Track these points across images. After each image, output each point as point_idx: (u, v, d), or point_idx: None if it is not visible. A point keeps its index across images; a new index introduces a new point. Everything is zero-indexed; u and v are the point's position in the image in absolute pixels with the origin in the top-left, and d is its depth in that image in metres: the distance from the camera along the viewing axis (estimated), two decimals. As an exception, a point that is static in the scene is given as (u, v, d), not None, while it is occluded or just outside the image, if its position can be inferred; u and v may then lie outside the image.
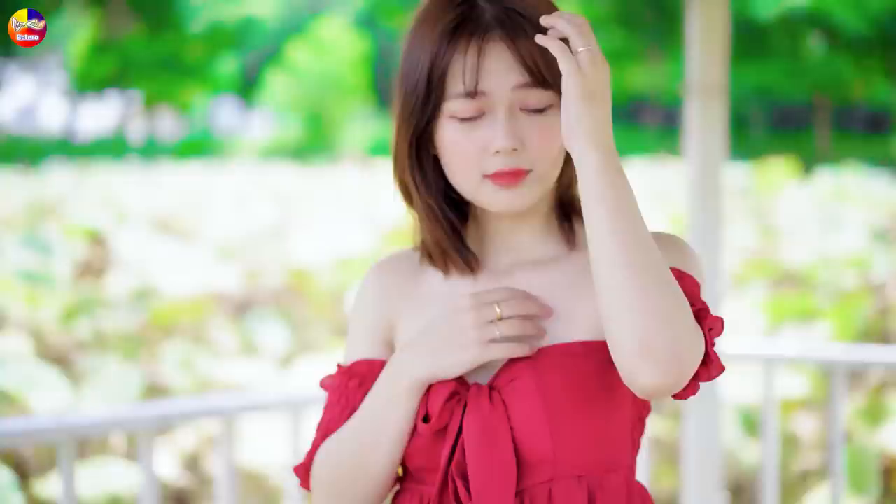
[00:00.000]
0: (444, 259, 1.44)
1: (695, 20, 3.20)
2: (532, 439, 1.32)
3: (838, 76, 26.74)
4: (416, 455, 1.39)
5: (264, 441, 4.58)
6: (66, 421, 2.60)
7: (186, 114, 35.70)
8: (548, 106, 1.32)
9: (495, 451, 1.32)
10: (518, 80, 1.30)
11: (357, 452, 1.40)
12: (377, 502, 1.44)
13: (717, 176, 3.26)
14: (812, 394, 5.32)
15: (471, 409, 1.33)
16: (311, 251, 7.51)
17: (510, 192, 1.34)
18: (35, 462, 4.96)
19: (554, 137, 1.32)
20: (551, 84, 1.31)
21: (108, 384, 5.08)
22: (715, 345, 1.30)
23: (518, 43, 1.30)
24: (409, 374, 1.36)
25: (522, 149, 1.32)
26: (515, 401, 1.33)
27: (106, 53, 31.11)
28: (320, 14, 34.65)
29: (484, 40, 1.31)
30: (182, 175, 15.18)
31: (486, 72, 1.31)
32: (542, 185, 1.35)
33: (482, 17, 1.32)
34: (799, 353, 3.72)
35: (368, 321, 1.48)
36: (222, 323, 6.58)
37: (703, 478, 3.31)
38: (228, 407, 2.82)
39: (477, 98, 1.31)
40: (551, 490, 1.34)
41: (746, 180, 12.21)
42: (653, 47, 29.13)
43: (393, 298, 1.47)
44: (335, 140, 28.85)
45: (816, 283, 6.79)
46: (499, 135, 1.31)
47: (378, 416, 1.38)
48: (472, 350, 1.34)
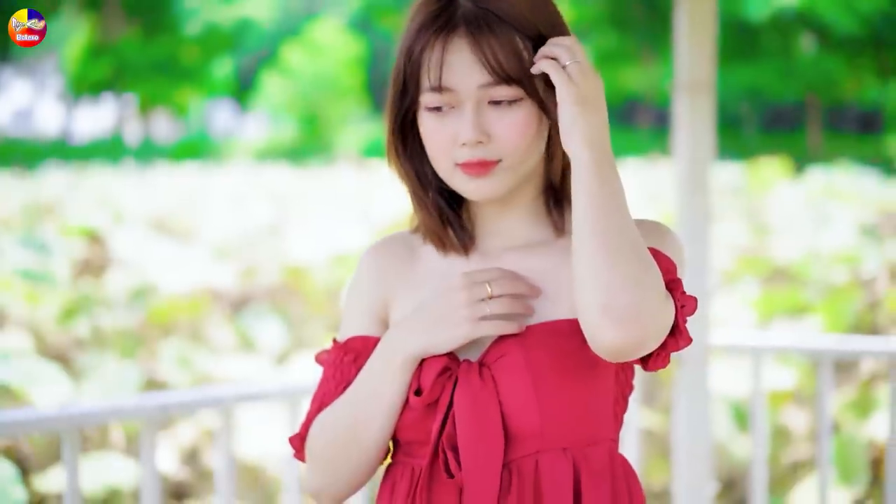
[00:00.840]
0: (436, 239, 1.51)
1: (683, 18, 3.27)
2: (520, 413, 1.39)
3: (829, 76, 26.80)
4: (408, 428, 1.45)
5: (262, 433, 4.64)
6: (69, 411, 2.66)
7: (182, 116, 35.69)
8: (515, 99, 1.39)
9: (484, 425, 1.38)
10: (481, 78, 1.37)
11: (351, 425, 1.46)
12: (369, 472, 1.50)
13: (705, 171, 3.32)
14: (802, 387, 5.39)
15: (461, 385, 1.39)
16: (306, 249, 7.56)
17: (479, 181, 1.41)
18: (35, 458, 5.01)
19: (522, 129, 1.39)
20: (517, 80, 1.37)
21: (106, 381, 5.14)
22: (686, 320, 1.38)
23: (481, 41, 1.36)
24: (403, 349, 1.42)
25: (489, 141, 1.39)
26: (504, 376, 1.39)
27: (101, 56, 31.11)
28: (315, 16, 34.66)
29: (449, 37, 1.38)
30: (178, 176, 15.20)
31: (450, 68, 1.38)
32: (513, 174, 1.42)
33: (454, 15, 1.38)
34: (786, 343, 3.79)
35: (364, 300, 1.55)
36: (219, 320, 6.64)
37: (694, 470, 3.37)
38: (227, 397, 2.88)
39: (444, 93, 1.39)
40: (538, 462, 1.41)
41: (738, 179, 12.28)
42: (646, 48, 29.19)
43: (388, 279, 1.54)
44: (330, 142, 28.88)
45: (807, 279, 6.86)
46: (464, 128, 1.38)
47: (372, 389, 1.44)
48: (463, 327, 1.40)
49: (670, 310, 1.35)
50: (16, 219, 9.74)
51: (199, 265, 7.04)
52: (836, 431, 4.91)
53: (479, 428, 1.38)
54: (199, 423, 5.20)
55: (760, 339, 3.65)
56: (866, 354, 3.84)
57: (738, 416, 5.16)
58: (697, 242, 3.30)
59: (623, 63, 28.31)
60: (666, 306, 1.34)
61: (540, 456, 1.41)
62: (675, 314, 1.37)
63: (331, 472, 1.50)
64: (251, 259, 7.82)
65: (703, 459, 3.37)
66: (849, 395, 5.31)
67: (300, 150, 27.25)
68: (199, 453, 5.21)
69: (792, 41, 27.52)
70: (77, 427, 2.62)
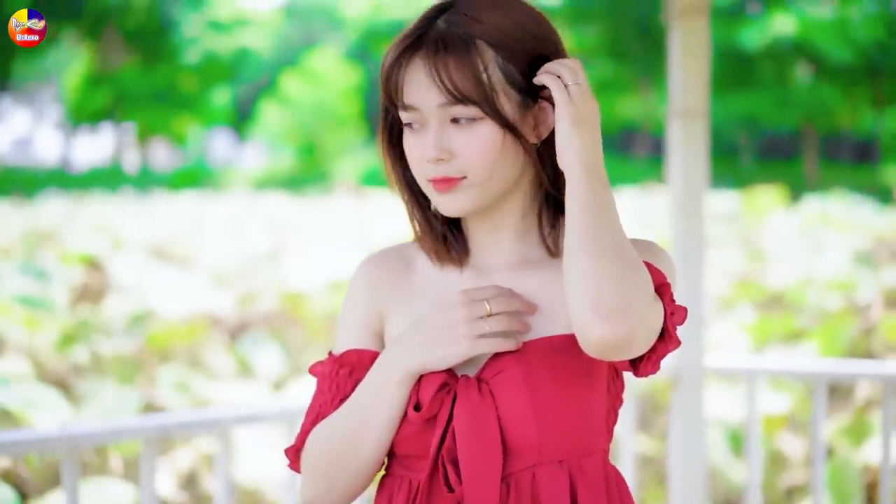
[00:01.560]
0: (431, 251, 1.55)
1: (676, 45, 3.32)
2: (518, 427, 1.41)
3: (825, 105, 26.90)
4: (405, 442, 1.47)
5: (260, 457, 4.66)
6: (69, 431, 2.68)
7: (181, 145, 35.79)
8: (476, 118, 1.41)
9: (484, 439, 1.40)
10: (438, 99, 1.41)
11: (348, 437, 1.48)
12: (364, 484, 1.52)
13: (699, 196, 3.35)
14: (797, 411, 5.41)
15: (461, 400, 1.42)
16: (304, 275, 7.59)
17: (446, 197, 1.45)
18: (34, 482, 5.02)
19: (482, 147, 1.42)
20: (473, 101, 1.39)
21: (105, 406, 5.15)
22: (675, 326, 1.42)
23: (437, 62, 1.39)
24: (401, 365, 1.44)
25: (452, 158, 1.42)
26: (503, 392, 1.42)
27: (100, 85, 31.22)
28: (313, 46, 34.85)
29: (411, 58, 1.42)
30: (177, 204, 15.25)
31: (411, 88, 1.42)
32: (480, 191, 1.45)
33: (423, 36, 1.42)
34: (781, 367, 3.81)
35: (359, 313, 1.56)
36: (218, 346, 6.66)
37: (690, 496, 3.40)
38: (225, 418, 2.90)
39: (409, 111, 1.43)
40: (535, 474, 1.43)
41: (734, 207, 12.33)
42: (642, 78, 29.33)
43: (383, 292, 1.56)
44: (328, 170, 28.96)
45: (802, 305, 6.89)
46: (427, 145, 1.42)
47: (370, 403, 1.46)
48: (462, 344, 1.42)
49: (659, 312, 1.39)
50: (15, 246, 9.77)
51: (197, 291, 7.07)
52: (830, 456, 4.93)
53: (478, 442, 1.40)
54: (197, 447, 5.21)
55: (755, 363, 3.68)
56: (860, 377, 3.86)
57: (734, 442, 5.17)
58: (692, 266, 3.33)
59: (620, 92, 28.44)
60: (654, 308, 1.37)
61: (537, 469, 1.44)
62: (665, 318, 1.41)
63: (326, 483, 1.51)
64: (249, 286, 7.85)
65: (699, 481, 3.39)
66: (844, 420, 5.33)
67: (298, 179, 27.32)
68: (198, 478, 5.22)
69: (788, 70, 27.67)
70: (77, 447, 2.64)
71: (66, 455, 2.63)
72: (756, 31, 25.49)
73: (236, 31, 32.74)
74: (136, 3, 30.69)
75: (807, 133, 29.73)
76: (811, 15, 25.38)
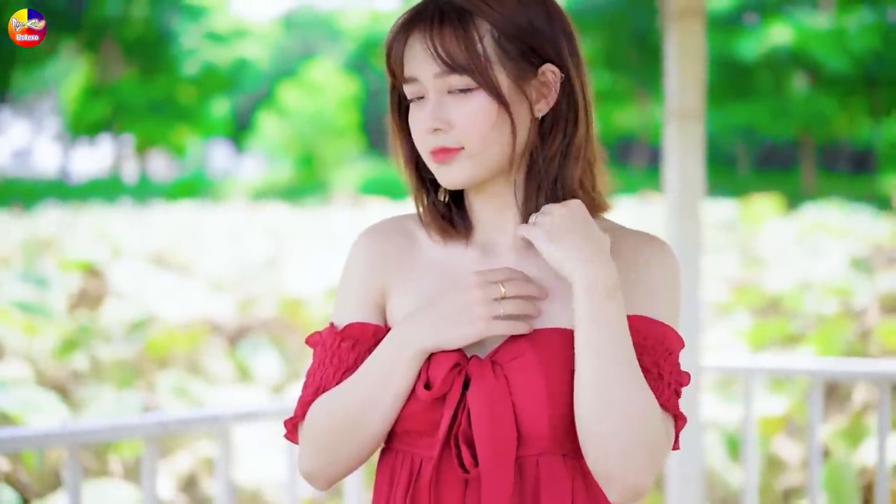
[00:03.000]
0: (436, 227, 1.56)
1: (672, 47, 3.35)
2: (531, 414, 1.42)
3: (822, 115, 26.96)
4: (411, 419, 1.47)
5: (259, 458, 4.67)
6: (71, 428, 2.70)
7: (179, 156, 35.83)
8: (470, 87, 1.44)
9: (500, 423, 1.41)
10: (434, 69, 1.44)
11: (353, 412, 1.48)
12: (365, 458, 1.53)
13: (696, 198, 3.37)
14: (793, 414, 5.43)
15: (476, 382, 1.42)
16: (303, 282, 7.61)
17: (445, 168, 1.47)
18: (33, 486, 5.03)
19: (477, 117, 1.44)
20: (466, 69, 1.42)
21: (104, 411, 5.17)
22: (682, 425, 1.49)
23: (433, 33, 1.43)
24: (416, 342, 1.44)
25: (449, 128, 1.45)
26: (518, 376, 1.43)
27: (99, 97, 31.27)
28: (312, 57, 34.92)
29: (410, 31, 1.46)
30: (175, 214, 15.28)
31: (409, 61, 1.46)
32: (477, 162, 1.46)
33: (422, 12, 1.46)
34: (777, 366, 3.84)
35: (360, 286, 1.56)
36: (217, 352, 6.67)
37: (687, 499, 3.42)
38: (225, 415, 2.92)
39: (411, 83, 1.47)
40: (539, 462, 1.45)
41: (731, 215, 12.37)
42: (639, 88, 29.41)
43: (387, 265, 1.56)
44: (326, 181, 28.99)
45: (798, 310, 6.92)
46: (424, 116, 1.46)
47: (379, 378, 1.46)
48: (477, 325, 1.43)
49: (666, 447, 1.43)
50: (14, 255, 9.79)
51: (196, 297, 7.08)
52: (827, 459, 4.94)
53: (494, 425, 1.41)
54: (196, 450, 5.23)
55: (752, 362, 3.70)
56: (857, 376, 3.88)
57: (731, 446, 5.20)
58: (689, 266, 3.35)
59: (617, 103, 28.52)
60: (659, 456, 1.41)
61: (541, 457, 1.45)
62: (675, 429, 1.48)
63: (327, 457, 1.52)
64: (249, 292, 7.87)
65: (697, 482, 3.41)
66: (840, 423, 5.35)
67: (297, 190, 27.35)
68: (197, 481, 5.23)
69: (785, 80, 27.74)
70: (79, 444, 2.66)
71: (69, 452, 2.65)
72: (753, 41, 25.57)
73: (235, 43, 32.81)
74: (135, 15, 30.79)
75: (804, 143, 29.79)
76: (808, 25, 25.48)
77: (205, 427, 2.98)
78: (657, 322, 1.46)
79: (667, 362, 1.45)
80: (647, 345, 1.44)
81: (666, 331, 1.46)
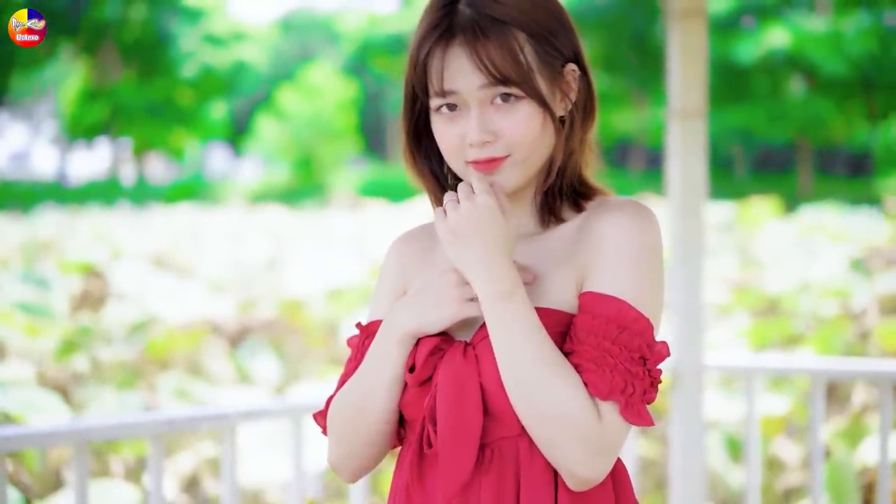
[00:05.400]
0: None
1: (675, 46, 3.37)
2: (500, 392, 1.45)
3: (819, 118, 26.99)
4: (408, 405, 1.52)
5: (262, 458, 4.68)
6: (78, 425, 2.70)
7: (177, 159, 35.82)
8: (518, 97, 1.46)
9: (462, 400, 1.44)
10: (480, 81, 1.45)
11: (357, 399, 1.54)
12: (378, 448, 1.57)
13: (699, 198, 3.39)
14: (794, 414, 5.45)
15: (444, 362, 1.47)
16: (303, 284, 7.63)
17: (491, 177, 1.49)
18: (35, 488, 5.04)
19: (526, 125, 1.46)
20: (514, 81, 1.44)
21: (106, 413, 5.18)
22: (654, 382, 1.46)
23: (477, 47, 1.44)
24: (399, 328, 1.50)
25: (496, 139, 1.47)
26: (487, 355, 1.46)
27: (97, 100, 31.25)
28: (310, 60, 34.93)
29: (449, 45, 1.46)
30: (174, 216, 15.28)
31: (452, 74, 1.46)
32: (523, 168, 1.49)
33: (454, 22, 1.46)
34: (779, 365, 3.85)
35: (387, 286, 1.64)
36: (217, 353, 6.68)
37: (689, 499, 3.43)
38: (232, 413, 2.93)
39: (449, 96, 1.47)
40: (518, 443, 1.47)
41: (730, 218, 12.39)
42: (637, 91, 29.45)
43: (410, 266, 1.63)
44: (324, 183, 29.00)
45: (797, 312, 6.93)
46: (471, 130, 1.46)
47: (374, 365, 1.52)
48: (452, 307, 1.48)
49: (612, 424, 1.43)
50: (14, 257, 9.79)
51: (197, 299, 7.10)
52: (827, 459, 4.96)
53: (456, 402, 1.44)
54: (199, 451, 5.24)
55: (754, 361, 3.71)
56: (858, 375, 3.90)
57: (732, 447, 5.21)
58: (692, 268, 3.37)
59: (615, 106, 28.54)
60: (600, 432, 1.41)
61: (520, 440, 1.47)
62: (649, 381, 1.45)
63: (345, 447, 1.58)
64: (249, 293, 7.88)
65: (699, 480, 3.42)
66: (840, 424, 5.37)
67: (295, 192, 27.36)
68: (199, 481, 5.24)
69: (782, 83, 27.79)
70: (87, 441, 2.66)
71: (75, 450, 2.65)
72: (750, 45, 25.63)
73: (233, 46, 32.83)
74: (133, 18, 30.80)
75: (801, 146, 29.84)
76: (805, 28, 25.52)
77: (212, 425, 2.98)
78: (611, 298, 1.44)
79: (616, 341, 1.42)
80: (596, 324, 1.43)
81: (621, 306, 1.43)
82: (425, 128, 1.55)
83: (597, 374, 1.42)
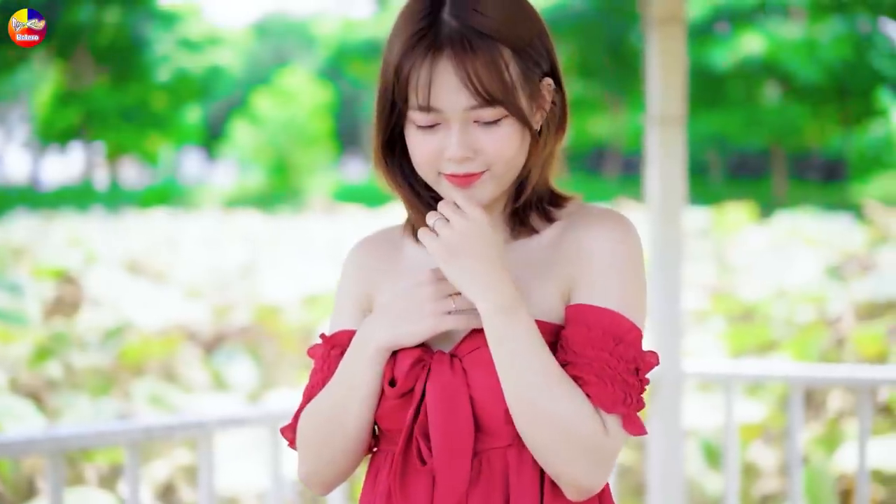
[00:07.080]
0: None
1: (654, 54, 3.38)
2: (489, 405, 1.44)
3: (794, 124, 27.16)
4: (386, 418, 1.50)
5: (239, 465, 4.65)
6: (54, 433, 2.68)
7: (151, 164, 35.67)
8: (501, 117, 1.43)
9: (455, 414, 1.43)
10: (466, 102, 1.41)
11: (331, 414, 1.52)
12: (353, 459, 1.55)
13: (677, 204, 3.40)
14: (771, 421, 5.46)
15: (433, 374, 1.45)
16: (278, 289, 7.59)
17: (467, 191, 1.47)
18: (7, 496, 4.99)
19: (507, 143, 1.44)
20: (501, 101, 1.41)
21: (80, 420, 5.14)
22: (644, 391, 1.46)
23: (465, 63, 1.39)
24: (372, 341, 1.48)
25: (475, 155, 1.44)
26: (475, 368, 1.45)
27: (70, 104, 31.06)
28: (285, 64, 34.86)
29: (435, 58, 1.41)
30: (148, 221, 15.20)
31: (437, 90, 1.41)
32: (498, 182, 1.48)
33: (439, 34, 1.41)
34: (758, 372, 3.85)
35: (349, 295, 1.61)
36: (192, 359, 6.63)
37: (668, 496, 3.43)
38: (209, 421, 2.91)
39: (431, 112, 1.43)
40: (507, 454, 1.46)
41: (705, 223, 12.42)
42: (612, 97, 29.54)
43: (372, 273, 1.60)
44: (299, 188, 28.95)
45: (774, 318, 6.95)
46: (452, 146, 1.43)
47: (348, 378, 1.50)
48: (428, 321, 1.46)
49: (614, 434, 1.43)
50: (-14, 262, 9.69)
51: (171, 305, 7.05)
52: (804, 465, 4.97)
53: (449, 417, 1.43)
54: (174, 458, 5.20)
55: (733, 367, 3.72)
56: (836, 382, 3.91)
57: (709, 454, 5.22)
58: (670, 273, 3.38)
59: (590, 111, 28.63)
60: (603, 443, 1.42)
61: (509, 450, 1.46)
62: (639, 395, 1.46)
63: (316, 459, 1.55)
64: (224, 299, 7.83)
65: (678, 485, 3.42)
66: (817, 430, 5.39)
67: (269, 197, 27.30)
68: (174, 489, 5.20)
69: (757, 90, 27.94)
70: (62, 449, 2.64)
71: (50, 459, 2.62)
72: (725, 51, 25.76)
73: (208, 50, 32.71)
74: (107, 22, 30.64)
75: (776, 152, 30.01)
76: (780, 34, 25.68)
77: (189, 433, 2.95)
78: (604, 310, 1.45)
79: (614, 353, 1.43)
80: (593, 336, 1.43)
81: (614, 318, 1.44)
82: (400, 135, 1.52)
83: (599, 387, 1.42)
